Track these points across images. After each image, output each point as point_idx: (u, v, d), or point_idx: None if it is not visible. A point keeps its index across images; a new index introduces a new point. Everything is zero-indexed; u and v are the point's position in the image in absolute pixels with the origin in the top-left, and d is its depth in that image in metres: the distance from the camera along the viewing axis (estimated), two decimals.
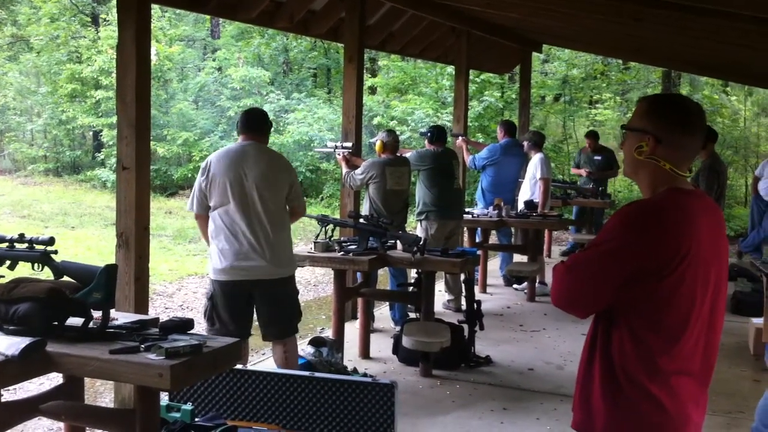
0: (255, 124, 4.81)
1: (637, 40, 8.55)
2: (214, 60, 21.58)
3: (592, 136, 11.73)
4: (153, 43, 19.62)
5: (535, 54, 12.74)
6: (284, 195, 4.76)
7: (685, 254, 2.13)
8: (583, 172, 11.51)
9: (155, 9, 20.58)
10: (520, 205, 8.86)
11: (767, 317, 6.32)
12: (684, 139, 2.24)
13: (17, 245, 3.35)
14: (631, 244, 2.14)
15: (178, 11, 19.78)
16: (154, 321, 3.37)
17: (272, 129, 5.08)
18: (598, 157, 11.43)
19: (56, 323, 3.08)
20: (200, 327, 4.37)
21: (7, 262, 3.36)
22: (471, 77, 13.91)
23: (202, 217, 4.79)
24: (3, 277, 3.31)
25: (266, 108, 18.85)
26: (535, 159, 8.90)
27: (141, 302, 4.60)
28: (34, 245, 3.33)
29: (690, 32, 6.79)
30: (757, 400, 3.85)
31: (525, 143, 9.00)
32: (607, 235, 2.21)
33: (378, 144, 6.85)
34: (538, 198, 8.77)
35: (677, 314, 2.16)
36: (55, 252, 3.33)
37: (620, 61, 18.92)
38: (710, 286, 2.21)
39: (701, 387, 2.25)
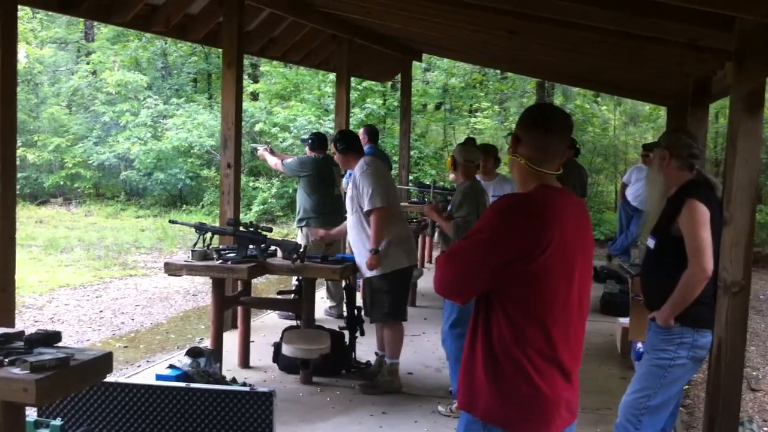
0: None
1: (510, 51, 8.83)
2: (88, 63, 20.81)
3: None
4: (22, 44, 18.80)
5: (416, 63, 12.94)
6: None
7: (549, 244, 2.35)
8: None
9: (26, 10, 19.71)
10: None
11: (633, 317, 6.60)
12: (540, 139, 2.48)
13: None
14: (503, 234, 2.36)
15: (50, 13, 19.00)
16: (19, 334, 3.22)
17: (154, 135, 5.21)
18: None
19: None
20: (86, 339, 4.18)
21: None
22: (353, 84, 14.01)
23: None
24: None
25: (143, 113, 18.38)
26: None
27: (6, 315, 4.40)
28: None
29: (560, 44, 7.08)
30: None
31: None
32: (482, 226, 2.41)
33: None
34: None
35: (543, 298, 2.37)
36: None
37: (498, 72, 19.42)
38: (575, 276, 2.43)
39: (571, 369, 2.45)
